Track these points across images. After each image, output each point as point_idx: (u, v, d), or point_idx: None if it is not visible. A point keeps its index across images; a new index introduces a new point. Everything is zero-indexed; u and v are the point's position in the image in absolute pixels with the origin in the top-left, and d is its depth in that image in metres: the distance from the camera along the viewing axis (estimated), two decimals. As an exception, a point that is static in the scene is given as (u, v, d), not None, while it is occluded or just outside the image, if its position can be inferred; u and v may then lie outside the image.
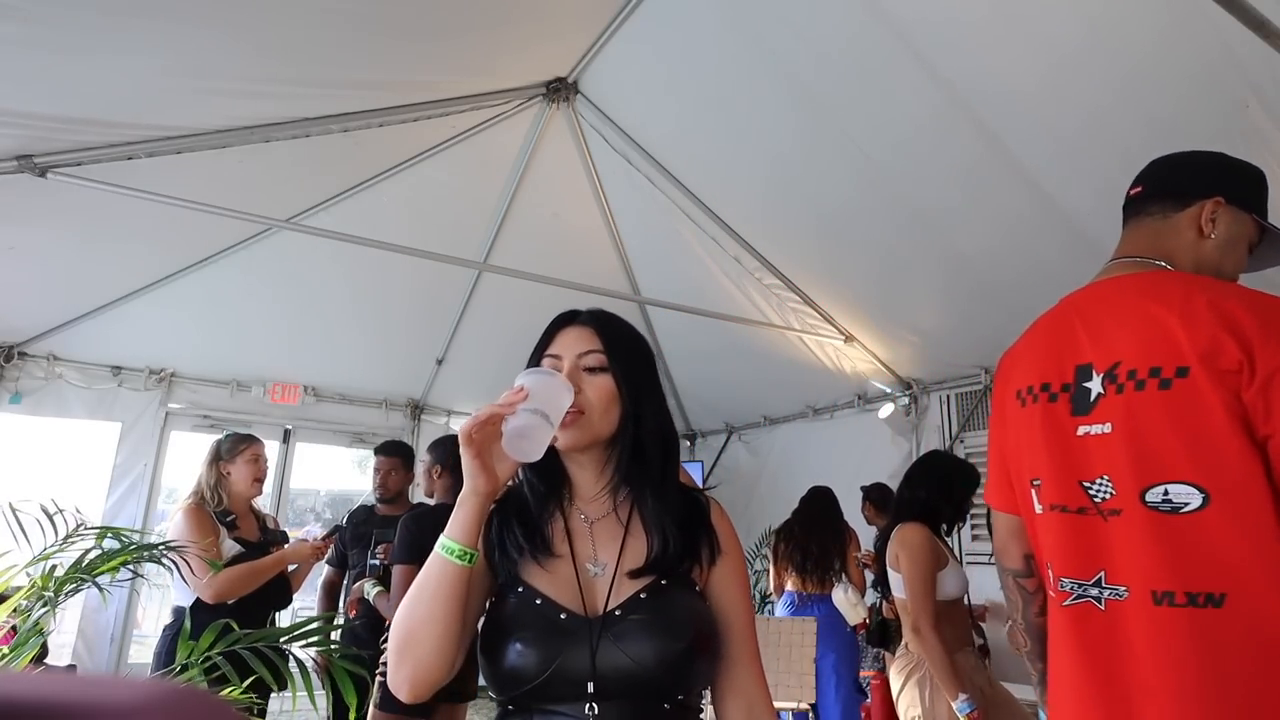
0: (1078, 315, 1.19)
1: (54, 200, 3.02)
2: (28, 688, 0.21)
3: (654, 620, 0.92)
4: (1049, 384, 1.18)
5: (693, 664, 0.92)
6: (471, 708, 2.87)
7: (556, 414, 0.90)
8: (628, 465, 1.01)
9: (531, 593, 0.94)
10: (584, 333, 1.02)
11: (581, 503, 1.04)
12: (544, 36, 3.11)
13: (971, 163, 2.86)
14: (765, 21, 2.68)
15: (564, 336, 1.02)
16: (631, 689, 0.89)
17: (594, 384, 0.98)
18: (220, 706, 0.23)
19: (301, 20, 2.46)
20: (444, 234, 3.97)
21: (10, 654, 1.32)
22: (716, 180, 3.72)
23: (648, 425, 1.01)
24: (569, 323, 1.04)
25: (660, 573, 0.96)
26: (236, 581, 2.36)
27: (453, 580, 0.88)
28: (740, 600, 1.03)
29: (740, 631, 1.01)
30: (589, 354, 0.99)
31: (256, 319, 4.69)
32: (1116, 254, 1.27)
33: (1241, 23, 1.55)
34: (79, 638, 4.46)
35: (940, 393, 4.61)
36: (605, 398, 0.98)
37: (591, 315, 1.05)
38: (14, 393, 4.40)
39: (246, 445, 2.63)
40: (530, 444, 0.88)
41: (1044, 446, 1.16)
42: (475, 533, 0.90)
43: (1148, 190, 1.25)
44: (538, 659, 0.89)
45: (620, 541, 1.00)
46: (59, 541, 1.56)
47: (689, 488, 1.08)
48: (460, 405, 6.00)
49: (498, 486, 0.91)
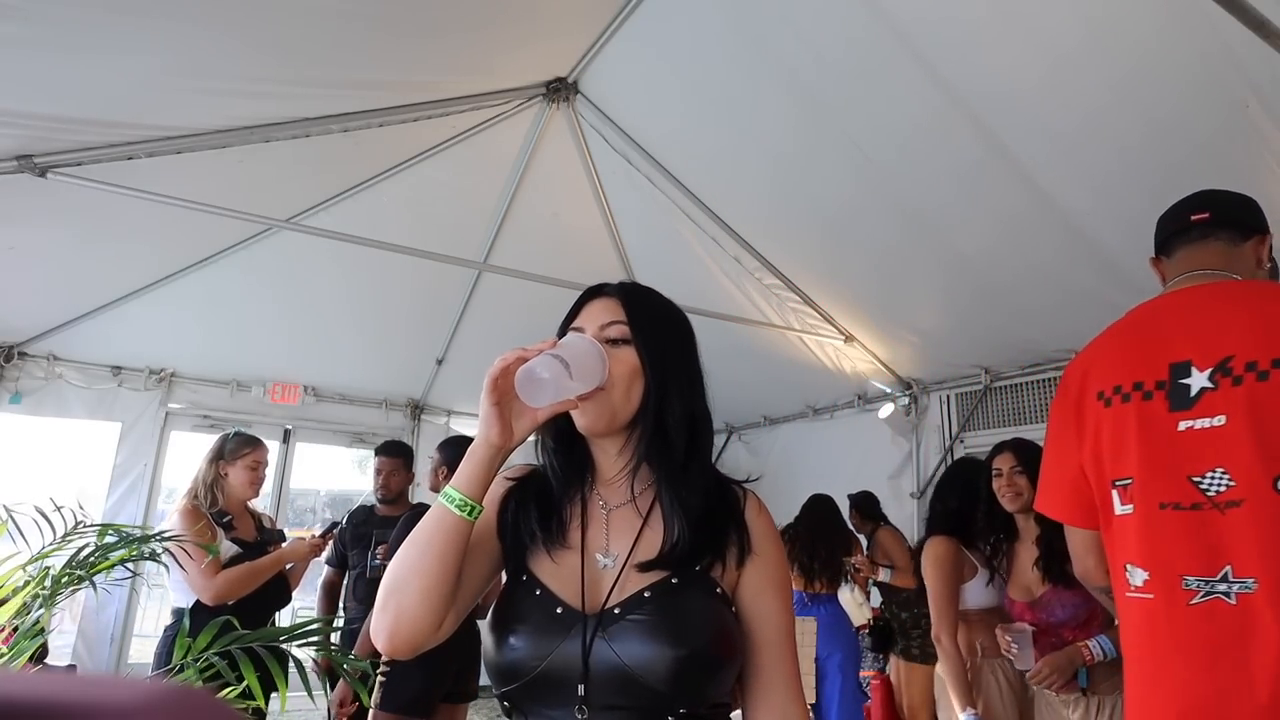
0: (1169, 316, 1.24)
1: (54, 200, 3.02)
2: (28, 688, 0.21)
3: (655, 622, 0.83)
4: (1141, 382, 1.19)
5: (699, 674, 0.82)
6: (472, 708, 2.87)
7: (581, 373, 0.83)
8: (648, 447, 0.92)
9: (534, 582, 0.89)
10: (609, 303, 0.96)
11: (602, 488, 0.96)
12: (544, 36, 3.11)
13: (971, 163, 2.86)
14: (766, 21, 2.67)
15: (590, 308, 0.97)
16: (625, 696, 0.81)
17: (616, 357, 0.90)
18: (220, 707, 0.23)
19: (301, 20, 2.46)
20: (444, 234, 3.97)
21: (10, 654, 1.32)
22: (717, 180, 3.72)
23: (673, 404, 0.92)
24: (596, 295, 0.98)
25: (673, 569, 0.87)
26: (236, 582, 2.35)
27: (449, 531, 0.82)
28: (775, 608, 0.91)
29: (773, 643, 0.90)
30: (612, 325, 0.93)
31: (256, 319, 4.69)
32: (1191, 268, 1.34)
33: (1241, 23, 1.55)
34: (79, 638, 4.46)
35: (940, 393, 4.61)
36: (627, 372, 0.90)
37: (619, 286, 0.99)
38: (14, 393, 4.40)
39: (249, 451, 2.61)
40: (538, 388, 0.81)
41: (1137, 445, 1.16)
42: (481, 485, 0.85)
43: (1215, 218, 1.35)
44: (530, 654, 0.83)
45: (636, 532, 0.92)
46: (58, 538, 1.56)
47: (724, 478, 0.98)
48: (460, 405, 6.00)
49: (511, 441, 0.85)
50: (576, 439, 0.96)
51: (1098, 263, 3.05)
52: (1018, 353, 4.05)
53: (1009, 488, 2.20)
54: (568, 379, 0.82)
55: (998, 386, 4.30)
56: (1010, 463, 2.22)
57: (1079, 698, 2.05)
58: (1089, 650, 2.00)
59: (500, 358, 0.83)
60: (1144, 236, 2.80)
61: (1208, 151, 2.38)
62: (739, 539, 0.92)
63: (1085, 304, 3.38)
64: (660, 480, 0.92)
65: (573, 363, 0.83)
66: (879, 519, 3.86)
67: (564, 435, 0.97)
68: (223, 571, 2.33)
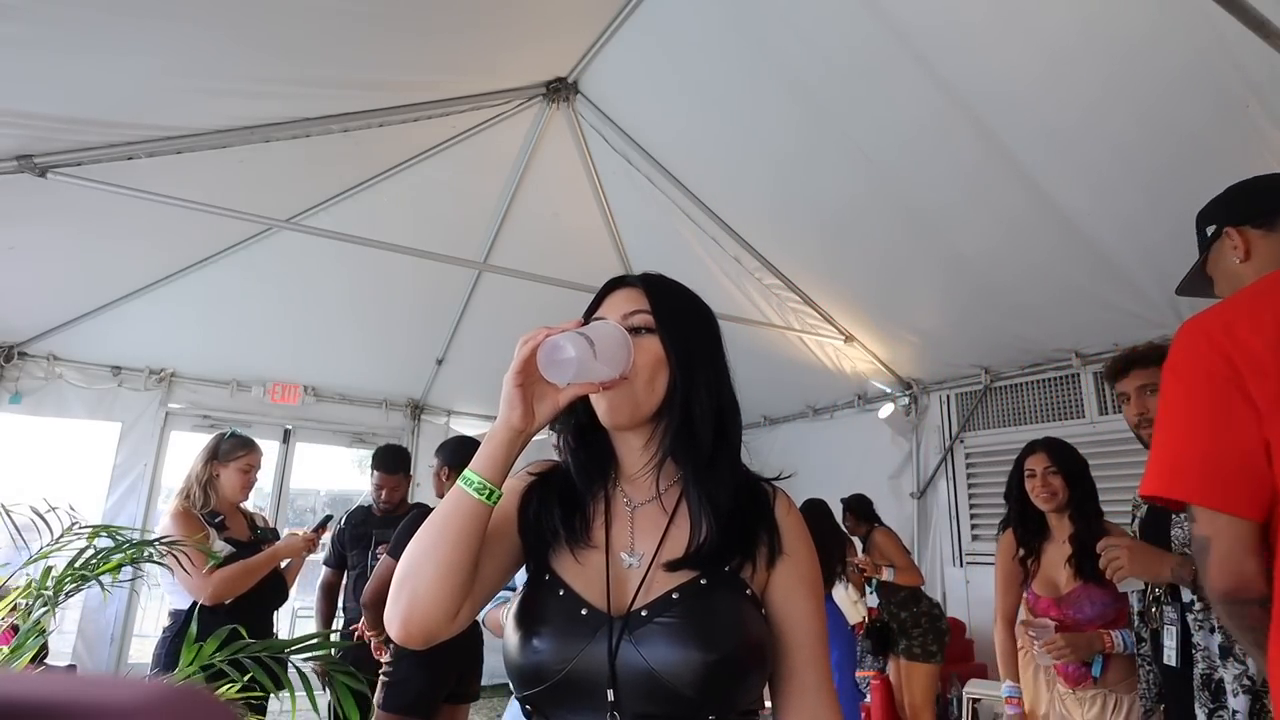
0: None
1: (54, 200, 3.02)
2: (28, 688, 0.21)
3: (684, 625, 0.80)
4: None
5: (728, 679, 0.79)
6: (473, 708, 2.87)
7: (606, 355, 0.81)
8: (674, 441, 0.89)
9: (557, 582, 0.86)
10: (632, 293, 0.93)
11: (627, 485, 0.93)
12: (544, 36, 3.11)
13: (970, 163, 2.86)
14: (766, 22, 2.67)
15: (613, 299, 0.94)
16: (654, 702, 0.78)
17: (640, 346, 0.87)
18: (220, 707, 0.23)
19: (301, 20, 2.46)
20: (444, 234, 3.98)
21: (10, 654, 1.32)
22: (717, 180, 3.72)
23: (700, 395, 0.88)
24: (619, 285, 0.96)
25: (701, 569, 0.84)
26: (231, 581, 2.35)
27: (467, 515, 0.80)
28: (807, 610, 0.88)
29: (805, 647, 0.87)
30: (635, 314, 0.90)
31: (256, 319, 4.69)
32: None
33: (1241, 23, 1.55)
34: (79, 638, 4.46)
35: (940, 393, 4.61)
36: (651, 362, 0.88)
37: (642, 276, 0.97)
38: (14, 393, 4.40)
39: (243, 454, 2.59)
40: (564, 364, 0.79)
41: None
42: (501, 469, 0.82)
43: None
44: (554, 657, 0.80)
45: (662, 530, 0.88)
46: (54, 541, 1.56)
47: (753, 475, 0.95)
48: (460, 405, 6.00)
49: (532, 426, 0.83)
50: (599, 433, 0.94)
51: (1096, 262, 3.05)
52: (1017, 353, 4.05)
53: (1044, 488, 2.19)
54: (593, 359, 0.79)
55: (998, 386, 4.30)
56: (1044, 463, 2.21)
57: (1094, 696, 2.06)
58: (1111, 639, 2.03)
59: (527, 338, 0.80)
60: (1141, 235, 2.83)
61: (1205, 149, 2.38)
62: (769, 538, 0.89)
63: (1084, 304, 3.38)
64: (687, 476, 0.90)
65: (598, 343, 0.80)
66: (873, 520, 3.86)
67: (585, 430, 0.95)
68: (218, 571, 2.32)
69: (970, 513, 4.43)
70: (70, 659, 4.37)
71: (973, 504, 4.43)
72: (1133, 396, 1.90)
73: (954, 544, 4.41)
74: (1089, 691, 2.08)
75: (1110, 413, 3.73)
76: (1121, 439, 3.26)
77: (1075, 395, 3.94)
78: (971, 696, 3.55)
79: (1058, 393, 4.04)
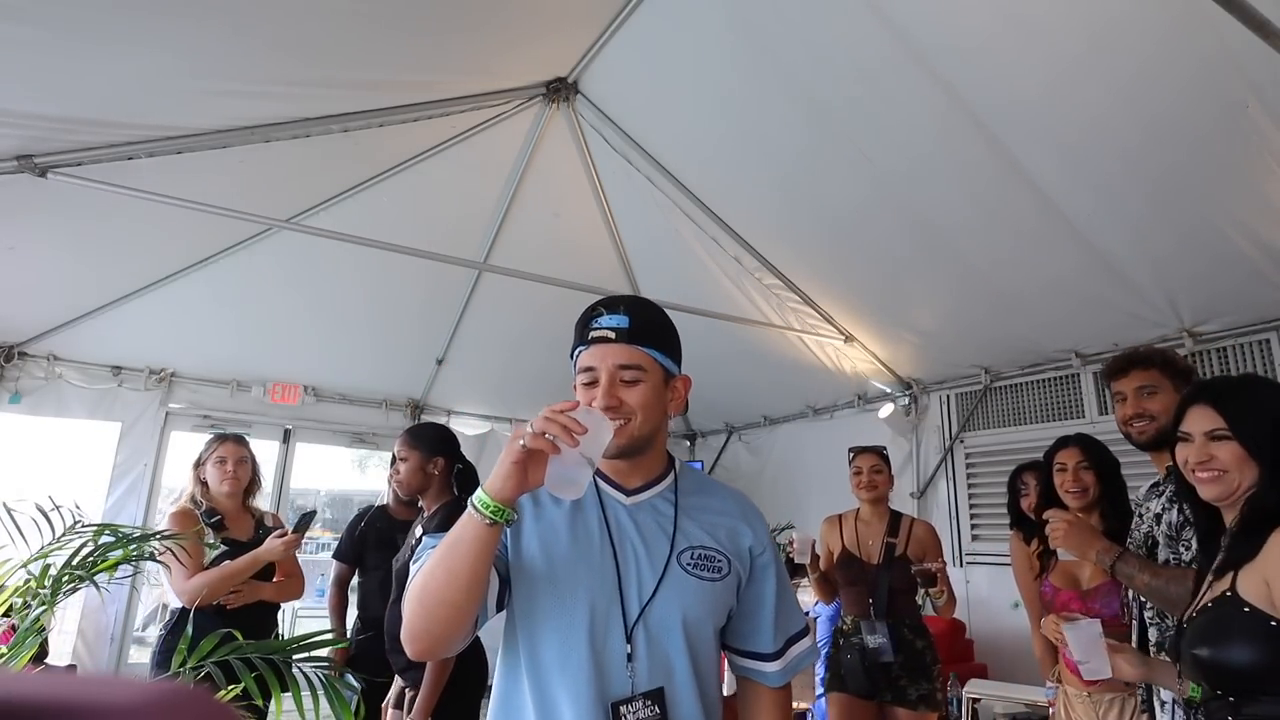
0: None
1: (54, 200, 3.02)
2: (28, 688, 0.21)
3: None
4: None
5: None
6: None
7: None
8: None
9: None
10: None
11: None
12: (544, 36, 3.11)
13: (974, 166, 2.86)
14: (766, 22, 2.67)
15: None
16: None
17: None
18: (220, 707, 0.23)
19: (301, 20, 2.46)
20: (444, 234, 3.97)
21: (10, 653, 1.32)
22: (716, 180, 3.72)
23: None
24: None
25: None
26: (209, 585, 2.36)
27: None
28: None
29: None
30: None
31: (256, 319, 4.69)
32: None
33: (1241, 23, 1.55)
34: (79, 638, 4.46)
35: (940, 393, 4.61)
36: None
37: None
38: (14, 393, 4.39)
39: (215, 447, 2.63)
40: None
41: None
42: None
43: None
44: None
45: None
46: (56, 538, 1.56)
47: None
48: (460, 405, 5.99)
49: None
50: None
51: (1096, 263, 3.05)
52: (1017, 353, 4.05)
53: (1075, 483, 2.15)
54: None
55: (997, 386, 4.30)
56: (1076, 458, 2.18)
57: (1112, 700, 2.02)
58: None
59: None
60: (1143, 237, 2.82)
61: (1208, 153, 2.38)
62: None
63: (1084, 304, 3.38)
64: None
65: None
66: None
67: None
68: (198, 574, 2.35)
69: (970, 513, 4.43)
70: (70, 659, 4.37)
71: (973, 504, 4.43)
72: (1130, 396, 1.90)
73: (954, 544, 4.41)
74: (1105, 695, 2.04)
75: (1110, 413, 3.72)
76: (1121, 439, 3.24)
77: (1075, 395, 3.94)
78: (971, 696, 3.54)
79: (1058, 393, 4.03)
